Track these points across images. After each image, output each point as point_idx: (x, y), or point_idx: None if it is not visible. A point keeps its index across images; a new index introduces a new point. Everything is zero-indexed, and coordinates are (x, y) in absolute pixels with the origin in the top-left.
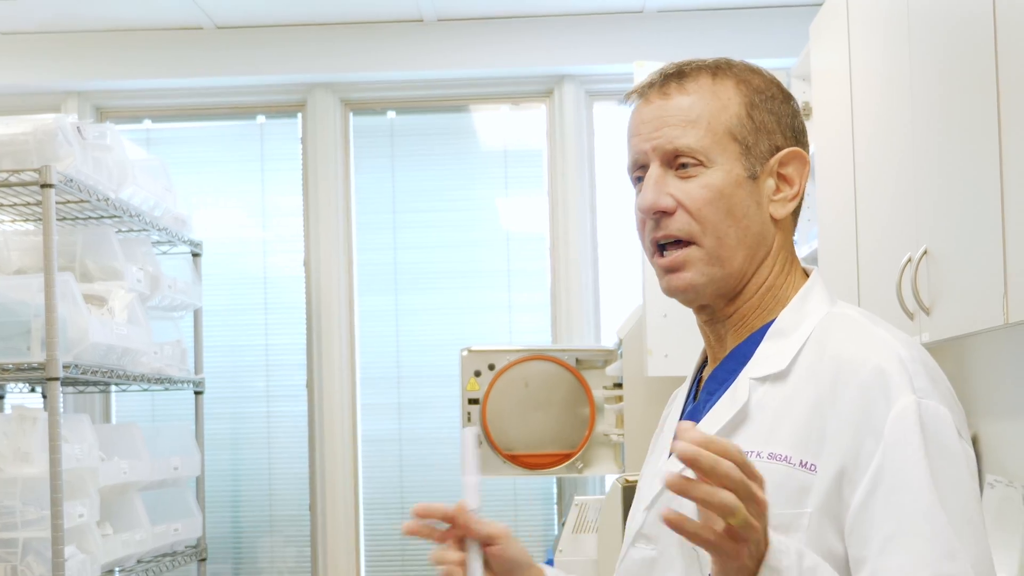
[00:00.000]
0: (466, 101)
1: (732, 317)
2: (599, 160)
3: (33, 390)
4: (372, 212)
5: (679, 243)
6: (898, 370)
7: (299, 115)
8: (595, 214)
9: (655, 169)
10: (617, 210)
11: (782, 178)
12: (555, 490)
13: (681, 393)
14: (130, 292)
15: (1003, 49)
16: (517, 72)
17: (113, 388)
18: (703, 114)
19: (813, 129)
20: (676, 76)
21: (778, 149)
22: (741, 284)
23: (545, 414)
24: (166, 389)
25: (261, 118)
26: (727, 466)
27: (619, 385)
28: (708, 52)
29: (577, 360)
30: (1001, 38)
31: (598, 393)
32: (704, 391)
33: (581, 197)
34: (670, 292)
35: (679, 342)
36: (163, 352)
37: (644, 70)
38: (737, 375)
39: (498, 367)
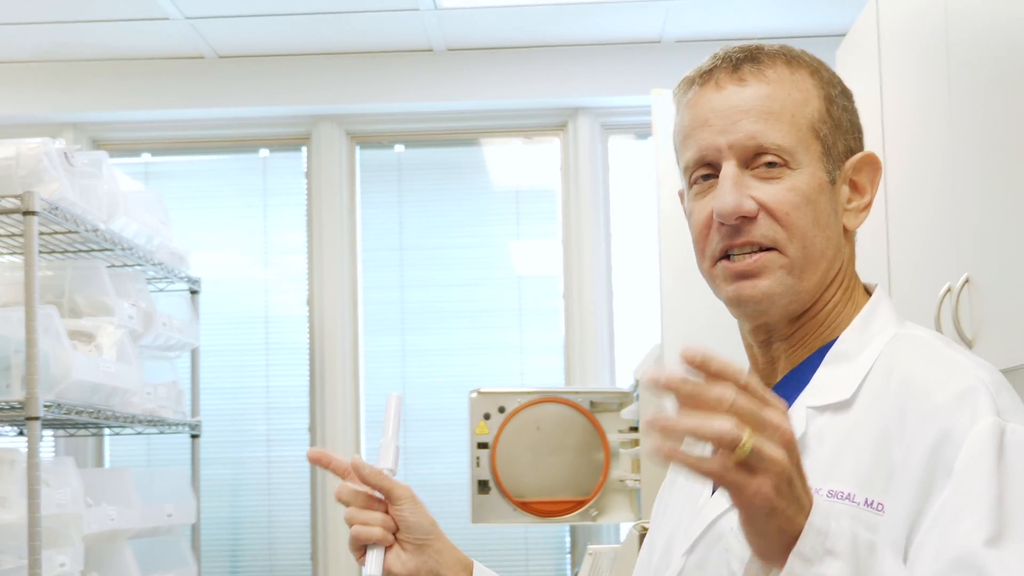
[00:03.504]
0: (477, 134)
1: (792, 337)
2: (615, 196)
3: (21, 433)
4: (379, 249)
5: (757, 250)
6: (977, 393)
7: (303, 148)
8: (610, 253)
9: (731, 168)
10: (633, 249)
11: (853, 185)
12: (568, 539)
13: None
14: (120, 328)
15: None
16: (530, 104)
17: (106, 431)
18: (787, 107)
19: None
20: (750, 60)
21: (851, 152)
22: (812, 300)
23: (558, 459)
24: (161, 432)
25: (264, 151)
26: (717, 391)
27: (635, 429)
28: None
29: (591, 403)
30: None
31: (613, 437)
32: None
33: (596, 235)
34: (740, 301)
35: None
36: (156, 393)
37: (662, 99)
38: (792, 403)
39: (509, 409)
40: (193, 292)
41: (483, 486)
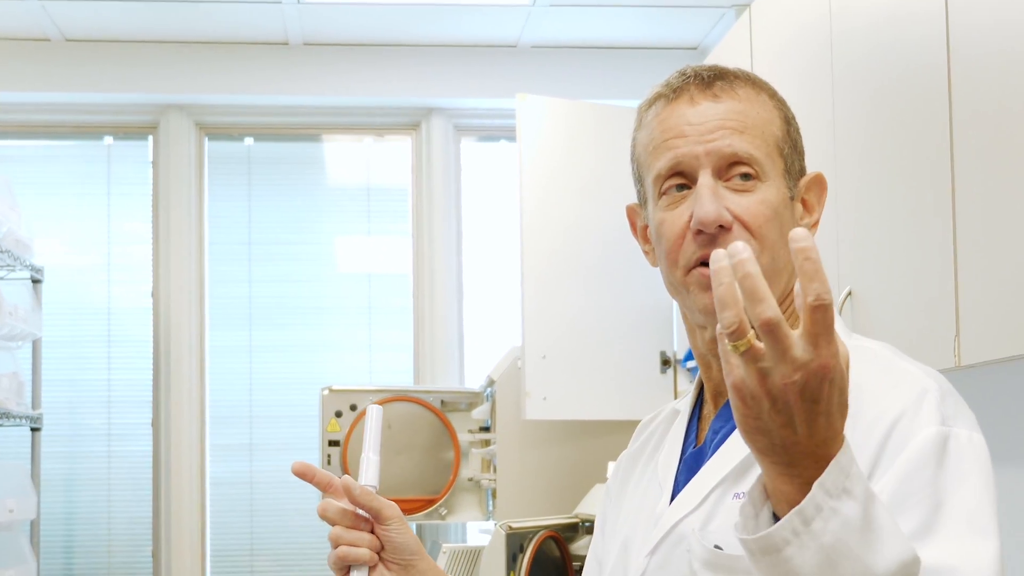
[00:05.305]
0: (329, 130)
1: None
2: (466, 197)
3: None
4: (226, 243)
5: None
6: (923, 400)
7: (150, 137)
8: (461, 253)
9: (708, 178)
10: (484, 250)
11: (804, 203)
12: None
13: (674, 432)
14: None
15: (956, 91)
16: (384, 102)
17: None
18: (757, 123)
19: None
20: (720, 78)
21: (803, 172)
22: None
23: (408, 458)
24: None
25: (109, 139)
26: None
27: (485, 429)
28: (585, 90)
29: (442, 402)
30: (955, 79)
31: (463, 437)
32: (710, 431)
33: (447, 235)
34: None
35: (559, 384)
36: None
37: (527, 104)
38: None
39: (361, 407)
40: (36, 281)
41: None
